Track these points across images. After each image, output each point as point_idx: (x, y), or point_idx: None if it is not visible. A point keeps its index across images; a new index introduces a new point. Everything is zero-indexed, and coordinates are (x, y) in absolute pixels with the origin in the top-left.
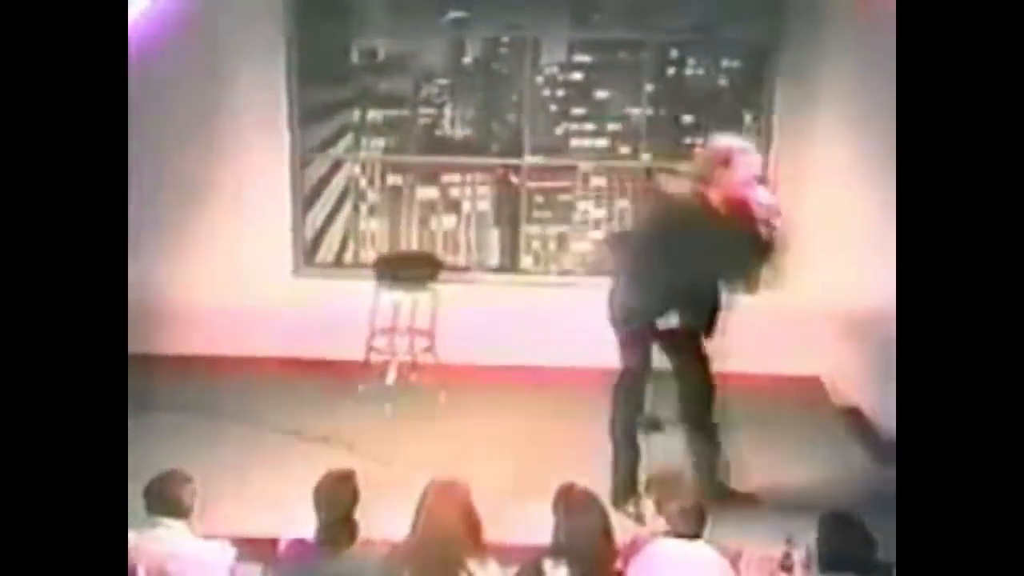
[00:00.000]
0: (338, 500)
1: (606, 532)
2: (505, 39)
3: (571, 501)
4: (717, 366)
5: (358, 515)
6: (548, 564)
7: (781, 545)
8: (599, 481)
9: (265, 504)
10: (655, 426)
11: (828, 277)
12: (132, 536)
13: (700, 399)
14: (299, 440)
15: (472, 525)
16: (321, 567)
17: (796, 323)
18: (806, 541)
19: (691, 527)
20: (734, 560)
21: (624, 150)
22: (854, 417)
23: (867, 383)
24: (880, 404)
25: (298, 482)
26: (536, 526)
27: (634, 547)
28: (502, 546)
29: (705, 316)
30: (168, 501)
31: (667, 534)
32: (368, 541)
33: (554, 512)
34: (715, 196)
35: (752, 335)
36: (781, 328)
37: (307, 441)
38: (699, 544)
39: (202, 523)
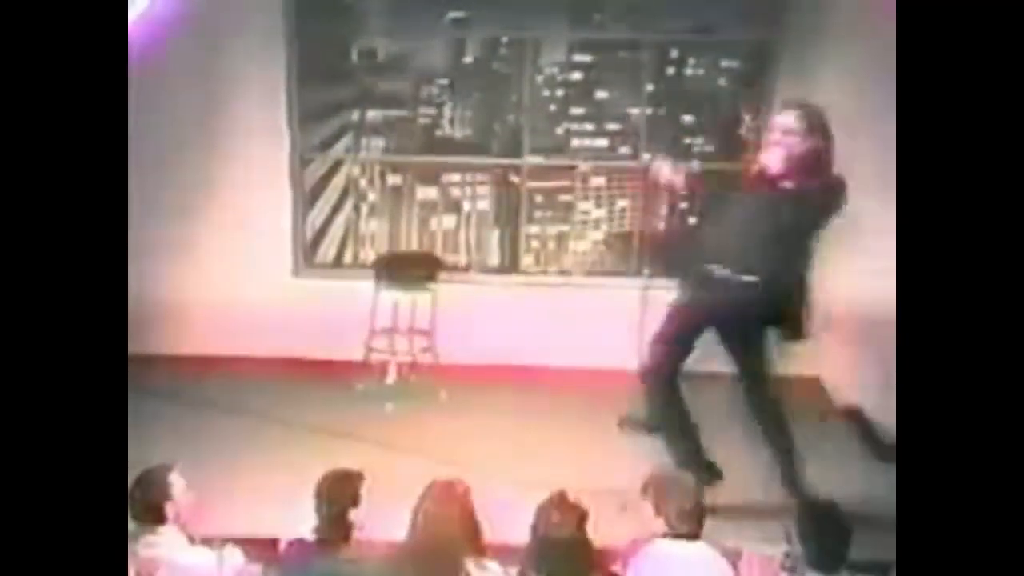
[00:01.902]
0: (335, 498)
1: (581, 536)
2: (505, 39)
3: (545, 507)
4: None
5: (359, 516)
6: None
7: (781, 545)
8: (598, 481)
9: (266, 505)
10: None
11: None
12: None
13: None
14: (300, 440)
15: (472, 525)
16: (321, 567)
17: None
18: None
19: (691, 527)
20: (734, 560)
21: (624, 150)
22: (854, 417)
23: (867, 383)
24: (880, 404)
25: (299, 483)
26: None
27: (633, 548)
28: (502, 546)
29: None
30: (147, 506)
31: (667, 535)
32: (368, 541)
33: (535, 519)
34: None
35: None
36: None
37: (307, 441)
38: (699, 544)
39: (201, 524)
